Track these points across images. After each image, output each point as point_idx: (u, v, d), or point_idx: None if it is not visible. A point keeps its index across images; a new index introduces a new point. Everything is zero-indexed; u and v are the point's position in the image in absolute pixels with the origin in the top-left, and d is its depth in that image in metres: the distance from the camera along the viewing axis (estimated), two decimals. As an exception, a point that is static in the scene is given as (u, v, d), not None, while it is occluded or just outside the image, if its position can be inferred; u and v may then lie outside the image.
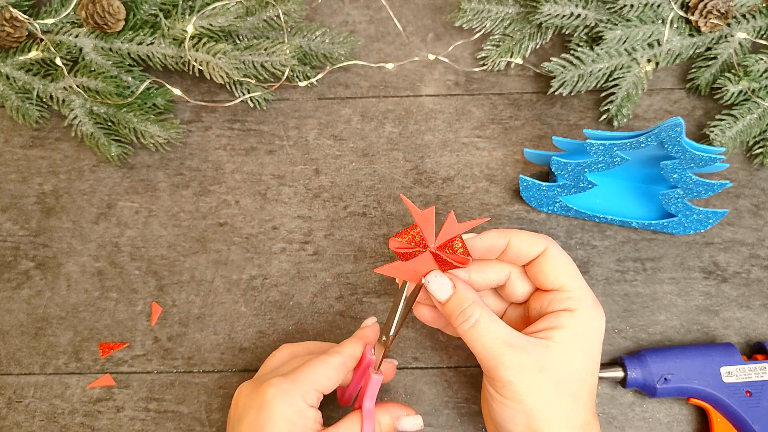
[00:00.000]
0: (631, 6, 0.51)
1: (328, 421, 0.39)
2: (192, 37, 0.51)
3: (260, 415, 0.36)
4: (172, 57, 0.52)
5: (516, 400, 0.35)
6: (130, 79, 0.53)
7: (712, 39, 0.52)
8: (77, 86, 0.52)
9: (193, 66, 0.52)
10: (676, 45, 0.52)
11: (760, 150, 0.51)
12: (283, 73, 0.52)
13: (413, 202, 0.51)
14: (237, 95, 0.54)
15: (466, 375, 0.47)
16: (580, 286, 0.38)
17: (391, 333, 0.39)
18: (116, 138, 0.52)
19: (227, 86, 0.55)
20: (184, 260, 0.50)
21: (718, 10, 0.50)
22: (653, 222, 0.48)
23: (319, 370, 0.38)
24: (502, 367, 0.35)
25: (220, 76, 0.51)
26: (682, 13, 0.51)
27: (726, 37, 0.52)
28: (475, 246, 0.39)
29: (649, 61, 0.52)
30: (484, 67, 0.55)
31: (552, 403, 0.35)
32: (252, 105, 0.54)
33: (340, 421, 0.39)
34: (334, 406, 0.45)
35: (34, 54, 0.52)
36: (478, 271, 0.40)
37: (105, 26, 0.51)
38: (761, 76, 0.50)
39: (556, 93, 0.52)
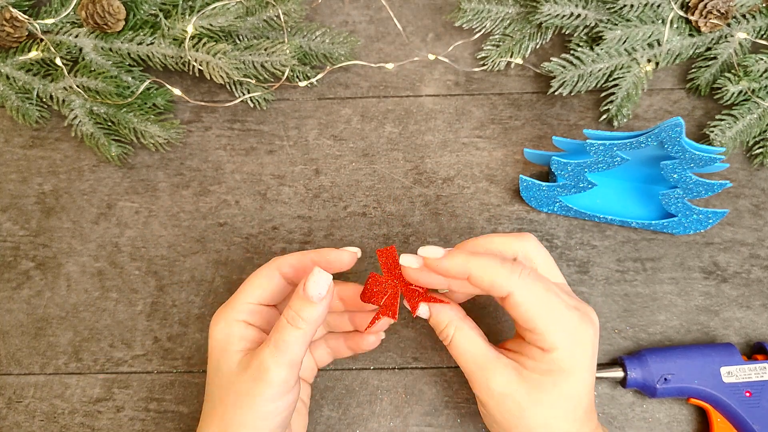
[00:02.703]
0: (631, 6, 0.51)
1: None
2: (192, 37, 0.51)
3: (208, 343, 0.38)
4: (172, 57, 0.52)
5: (491, 415, 0.37)
6: (130, 79, 0.53)
7: (712, 39, 0.52)
8: (77, 86, 0.52)
9: (193, 66, 0.52)
10: (676, 45, 0.52)
11: (760, 150, 0.51)
12: (283, 73, 0.52)
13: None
14: (237, 95, 0.54)
15: (466, 375, 0.47)
16: (554, 325, 0.35)
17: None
18: (116, 138, 0.52)
19: (227, 86, 0.55)
20: (184, 260, 0.50)
21: (718, 10, 0.50)
22: (653, 222, 0.48)
23: (250, 283, 0.39)
24: (475, 384, 0.37)
25: (220, 76, 0.51)
26: (682, 13, 0.51)
27: (726, 37, 0.52)
28: (435, 267, 0.36)
29: (649, 61, 0.52)
30: (484, 67, 0.55)
31: (528, 422, 0.35)
32: (252, 105, 0.54)
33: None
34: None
35: (34, 54, 0.52)
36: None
37: (105, 26, 0.52)
38: (761, 76, 0.50)
39: (556, 93, 0.52)
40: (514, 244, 0.38)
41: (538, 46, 0.55)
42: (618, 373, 0.45)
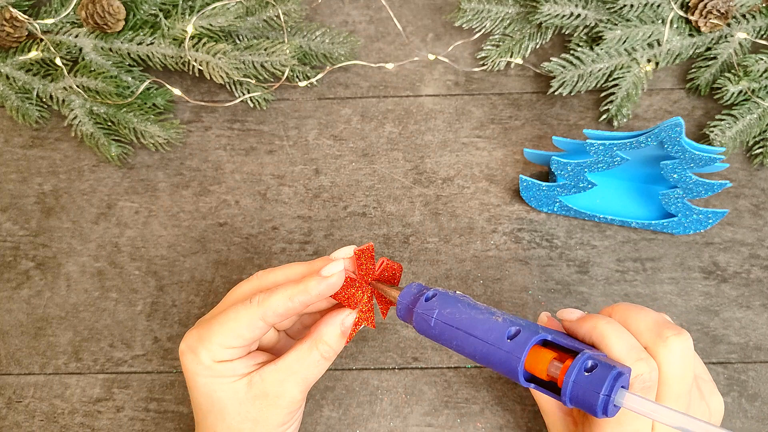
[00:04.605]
0: (631, 6, 0.51)
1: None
2: (192, 37, 0.51)
3: (183, 367, 0.37)
4: (172, 57, 0.52)
5: None
6: (130, 79, 0.53)
7: (712, 39, 0.52)
8: (77, 86, 0.52)
9: (193, 66, 0.52)
10: (676, 45, 0.52)
11: (760, 150, 0.51)
12: (283, 73, 0.52)
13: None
14: (237, 95, 0.54)
15: (466, 375, 0.47)
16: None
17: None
18: (116, 138, 0.52)
19: (227, 86, 0.55)
20: (184, 260, 0.50)
21: (718, 10, 0.50)
22: (653, 222, 0.48)
23: (227, 326, 0.35)
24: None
25: (220, 76, 0.51)
26: (682, 13, 0.51)
27: (726, 37, 0.52)
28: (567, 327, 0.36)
29: (649, 61, 0.52)
30: (484, 67, 0.55)
31: None
32: (252, 105, 0.54)
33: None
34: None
35: (34, 54, 0.52)
36: None
37: (105, 26, 0.52)
38: (761, 76, 0.50)
39: (556, 93, 0.52)
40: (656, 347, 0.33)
41: (538, 46, 0.55)
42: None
